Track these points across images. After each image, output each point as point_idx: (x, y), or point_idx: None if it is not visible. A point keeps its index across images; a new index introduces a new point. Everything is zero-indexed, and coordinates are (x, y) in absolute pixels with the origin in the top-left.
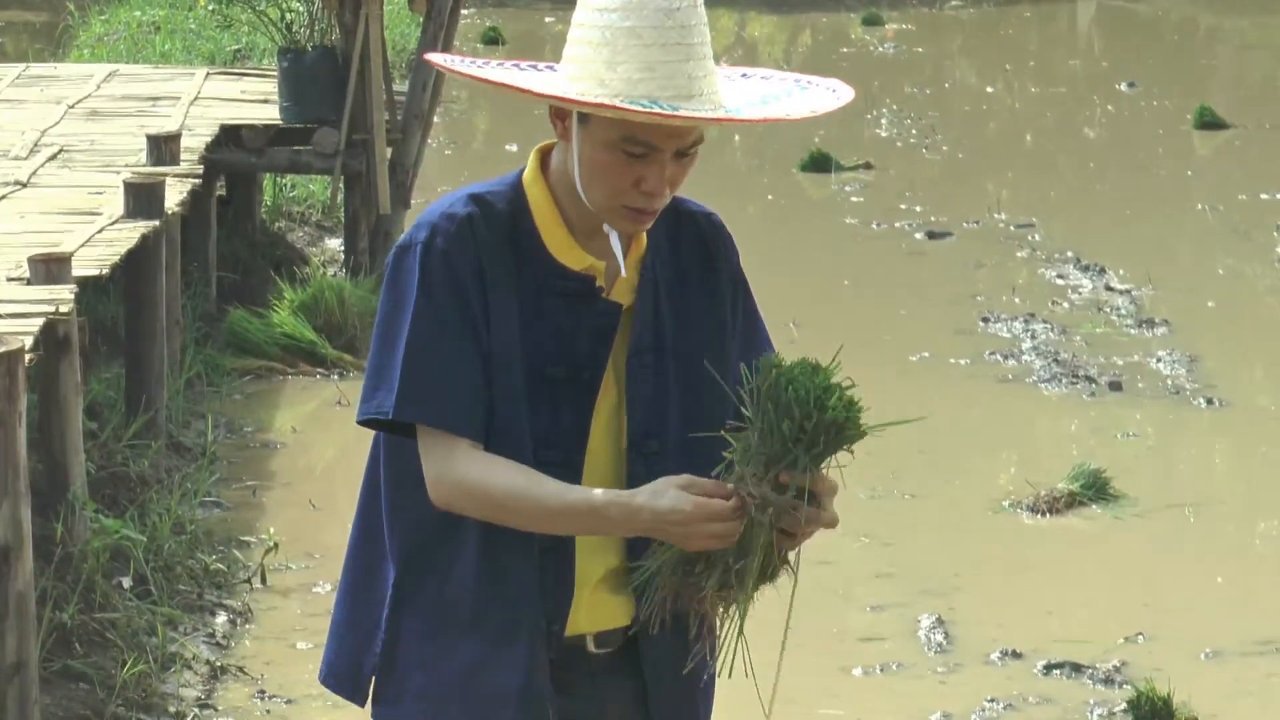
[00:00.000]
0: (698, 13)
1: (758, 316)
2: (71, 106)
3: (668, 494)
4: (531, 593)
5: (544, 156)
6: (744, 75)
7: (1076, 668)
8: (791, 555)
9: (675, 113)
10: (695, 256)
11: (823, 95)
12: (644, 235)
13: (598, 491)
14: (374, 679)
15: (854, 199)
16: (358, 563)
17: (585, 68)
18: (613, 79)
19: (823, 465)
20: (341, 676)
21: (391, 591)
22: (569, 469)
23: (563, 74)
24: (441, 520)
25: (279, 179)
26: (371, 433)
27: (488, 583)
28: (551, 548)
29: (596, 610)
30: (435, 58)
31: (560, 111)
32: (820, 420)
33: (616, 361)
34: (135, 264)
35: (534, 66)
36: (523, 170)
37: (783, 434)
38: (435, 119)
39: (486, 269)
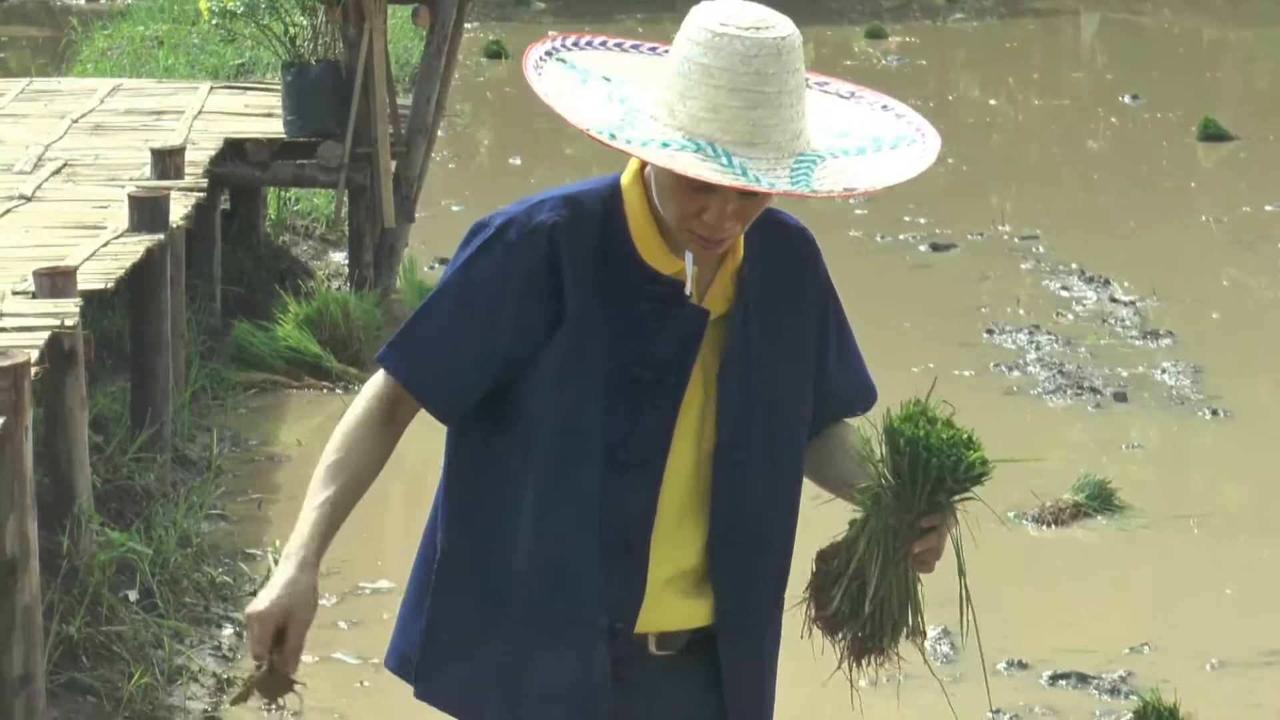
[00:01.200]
0: (780, 61)
1: (850, 332)
2: (75, 121)
3: (289, 594)
4: (591, 588)
5: (642, 166)
6: (822, 87)
7: (1083, 678)
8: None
9: (705, 168)
10: (784, 270)
11: (903, 158)
12: (740, 244)
13: (321, 506)
14: (416, 660)
15: (858, 212)
16: (424, 550)
17: (664, 92)
18: (681, 111)
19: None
20: (402, 658)
21: (435, 576)
22: (648, 472)
23: (648, 93)
24: (494, 506)
25: (283, 193)
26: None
27: (541, 575)
28: (619, 544)
29: (666, 610)
30: (531, 57)
31: None
32: (956, 476)
33: (707, 369)
34: (140, 278)
35: (638, 49)
36: (622, 171)
37: (919, 490)
38: (439, 132)
39: (567, 268)
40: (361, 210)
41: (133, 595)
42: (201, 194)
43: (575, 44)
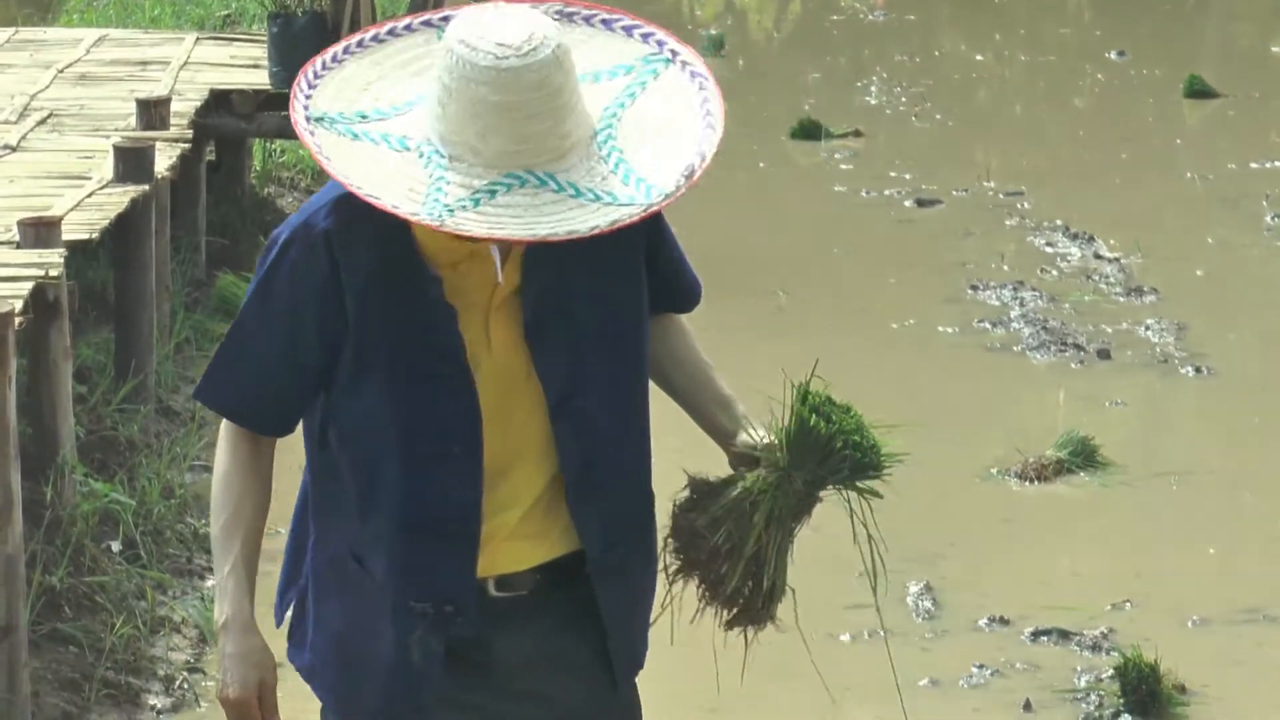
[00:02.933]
0: (562, 67)
1: (671, 233)
2: (61, 71)
3: (249, 667)
4: (413, 578)
5: None
6: (569, 16)
7: (1064, 634)
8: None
9: (549, 222)
10: None
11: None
12: None
13: (234, 568)
14: (291, 622)
15: (843, 167)
16: (297, 513)
17: (455, 127)
18: (488, 149)
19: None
20: (280, 618)
21: (309, 546)
22: (464, 460)
23: (424, 117)
24: (328, 484)
25: (269, 144)
26: None
27: (364, 551)
28: (442, 534)
29: (502, 557)
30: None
31: None
32: (862, 458)
33: (517, 340)
34: (124, 228)
35: (364, 47)
36: None
37: (824, 471)
38: None
39: (345, 276)
40: None
41: (116, 546)
42: (187, 145)
43: (310, 84)
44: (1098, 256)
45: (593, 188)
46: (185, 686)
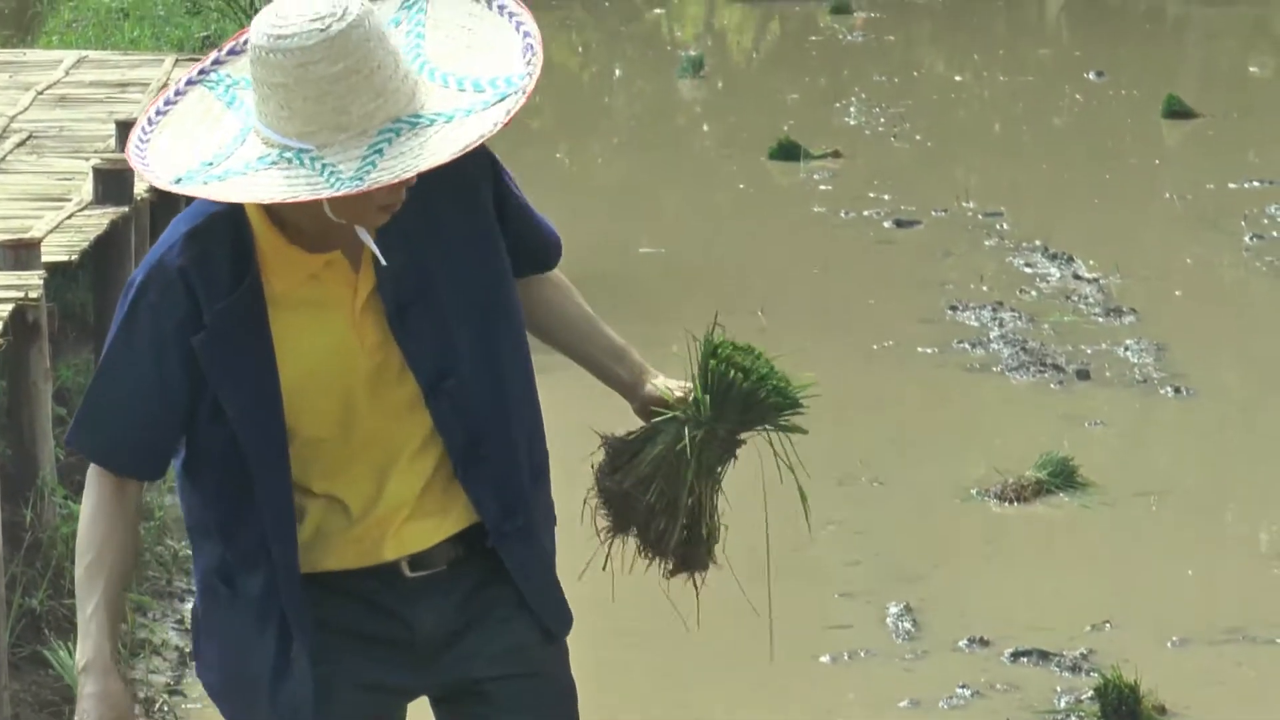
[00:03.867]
0: (333, 53)
1: (520, 193)
2: (40, 92)
3: (106, 708)
4: (281, 573)
5: None
6: None
7: (1044, 655)
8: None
9: (280, 188)
10: (437, 185)
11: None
12: None
13: (96, 610)
14: (191, 638)
15: (822, 187)
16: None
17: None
18: (265, 113)
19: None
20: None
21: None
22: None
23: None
24: (195, 506)
25: None
26: None
27: (232, 572)
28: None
29: (406, 537)
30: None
31: None
32: (778, 399)
33: (384, 334)
34: (104, 250)
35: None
36: None
37: (743, 416)
38: None
39: (204, 309)
40: None
41: None
42: None
43: (233, 51)
44: (1077, 277)
45: (460, 106)
46: (166, 709)
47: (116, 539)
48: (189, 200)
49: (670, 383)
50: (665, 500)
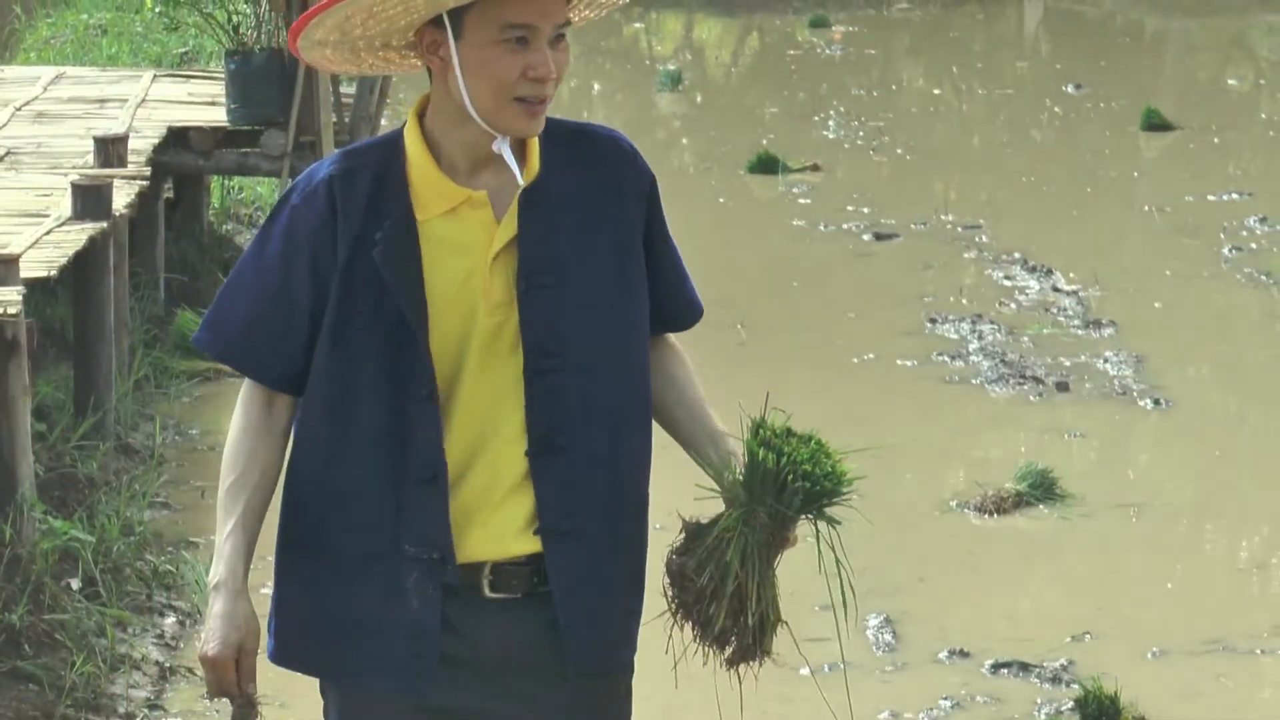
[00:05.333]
0: None
1: (674, 245)
2: (18, 109)
3: (231, 628)
4: (385, 521)
5: (420, 112)
6: None
7: (1024, 667)
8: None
9: None
10: (597, 179)
11: None
12: (534, 160)
13: (233, 531)
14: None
15: (801, 200)
16: None
17: None
18: None
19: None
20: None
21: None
22: (429, 405)
23: None
24: (304, 459)
25: (227, 181)
26: None
27: (336, 503)
28: (417, 476)
29: (489, 534)
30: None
31: (432, 44)
32: (823, 487)
33: (508, 290)
34: (83, 266)
35: None
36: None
37: (789, 504)
38: (383, 121)
39: (340, 219)
40: None
41: (75, 583)
42: (145, 182)
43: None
44: (1056, 289)
45: None
46: None
47: (261, 459)
48: (182, 215)
49: (736, 462)
50: (714, 584)
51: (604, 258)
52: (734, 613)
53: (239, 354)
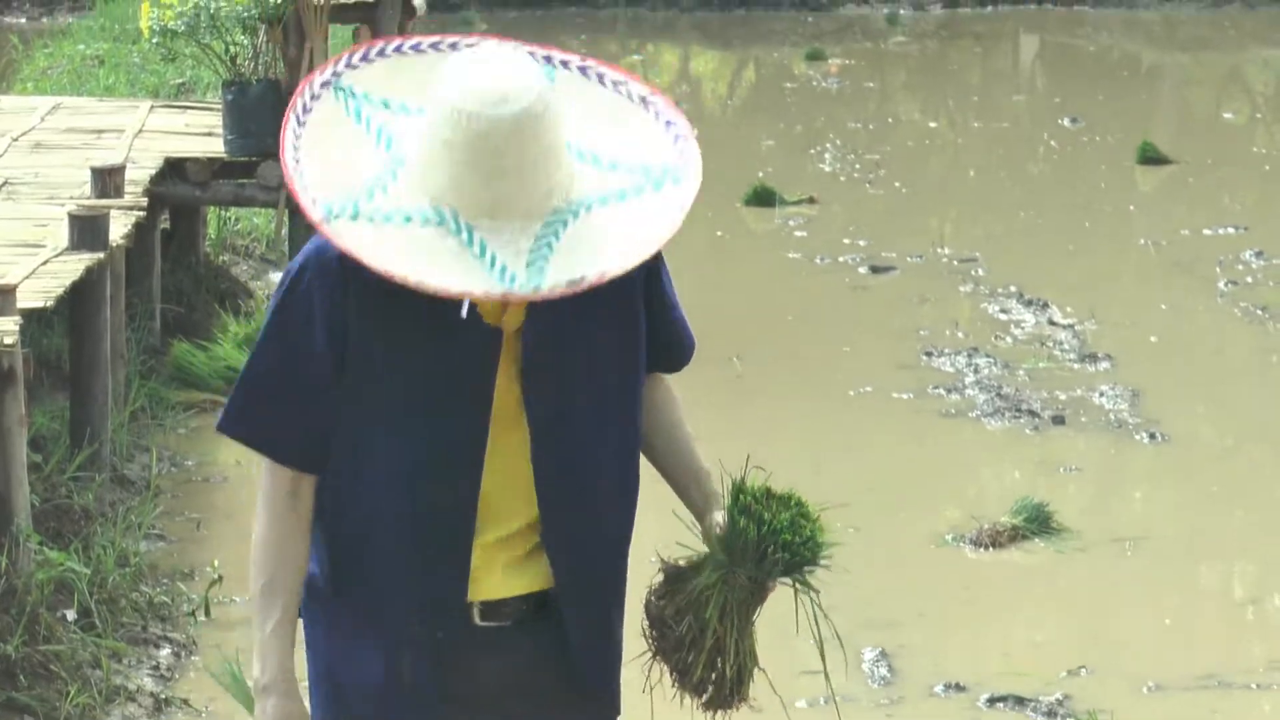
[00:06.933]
0: (519, 135)
1: (672, 289)
2: (15, 139)
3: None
4: (400, 582)
5: None
6: (617, 86)
7: (1020, 700)
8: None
9: (434, 273)
10: None
11: (659, 210)
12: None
13: (277, 628)
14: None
15: (797, 233)
16: None
17: (421, 145)
18: (429, 180)
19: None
20: None
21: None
22: (457, 476)
23: (419, 127)
24: (317, 510)
25: (223, 212)
26: None
27: (346, 575)
28: (437, 542)
29: (490, 582)
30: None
31: None
32: (802, 551)
33: (510, 378)
34: (79, 296)
35: (436, 48)
36: None
37: (768, 565)
38: None
39: (354, 303)
40: (302, 230)
41: (71, 615)
42: (141, 213)
43: (365, 57)
44: (1052, 323)
45: (617, 187)
46: None
47: (290, 559)
48: (178, 246)
49: (719, 519)
50: (692, 635)
51: (605, 331)
52: (712, 663)
53: (262, 437)
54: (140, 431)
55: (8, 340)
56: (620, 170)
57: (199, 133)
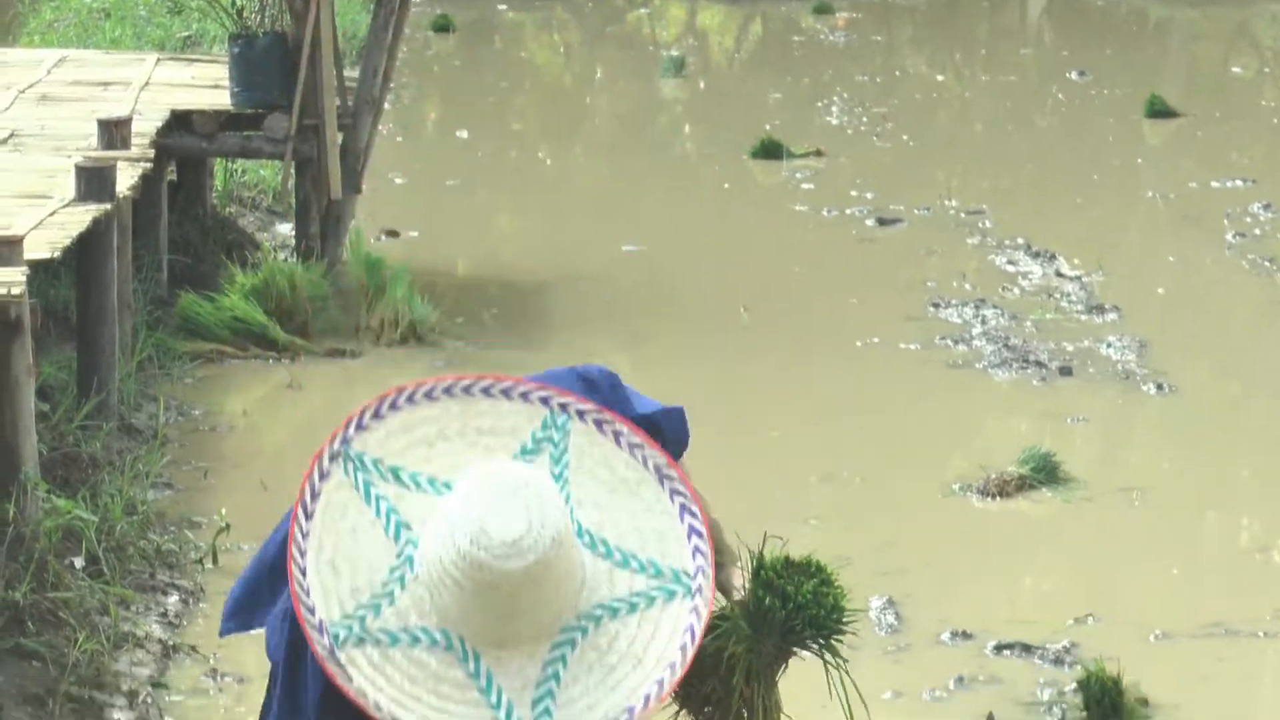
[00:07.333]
0: (532, 584)
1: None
2: (22, 91)
3: None
4: None
5: None
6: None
7: (1026, 648)
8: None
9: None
10: None
11: (670, 622)
12: None
13: None
14: None
15: (805, 186)
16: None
17: (433, 549)
18: (439, 603)
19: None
20: None
21: None
22: None
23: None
24: None
25: (230, 164)
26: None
27: None
28: None
29: None
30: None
31: None
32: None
33: None
34: (86, 247)
35: (451, 393)
36: None
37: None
38: (386, 105)
39: None
40: (308, 182)
41: (79, 562)
42: (148, 165)
43: (376, 414)
44: (1059, 274)
45: (631, 591)
46: (149, 701)
47: None
48: (185, 197)
49: (737, 582)
50: (717, 695)
51: None
52: (739, 717)
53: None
54: (147, 381)
55: (15, 290)
56: (632, 566)
57: (205, 85)
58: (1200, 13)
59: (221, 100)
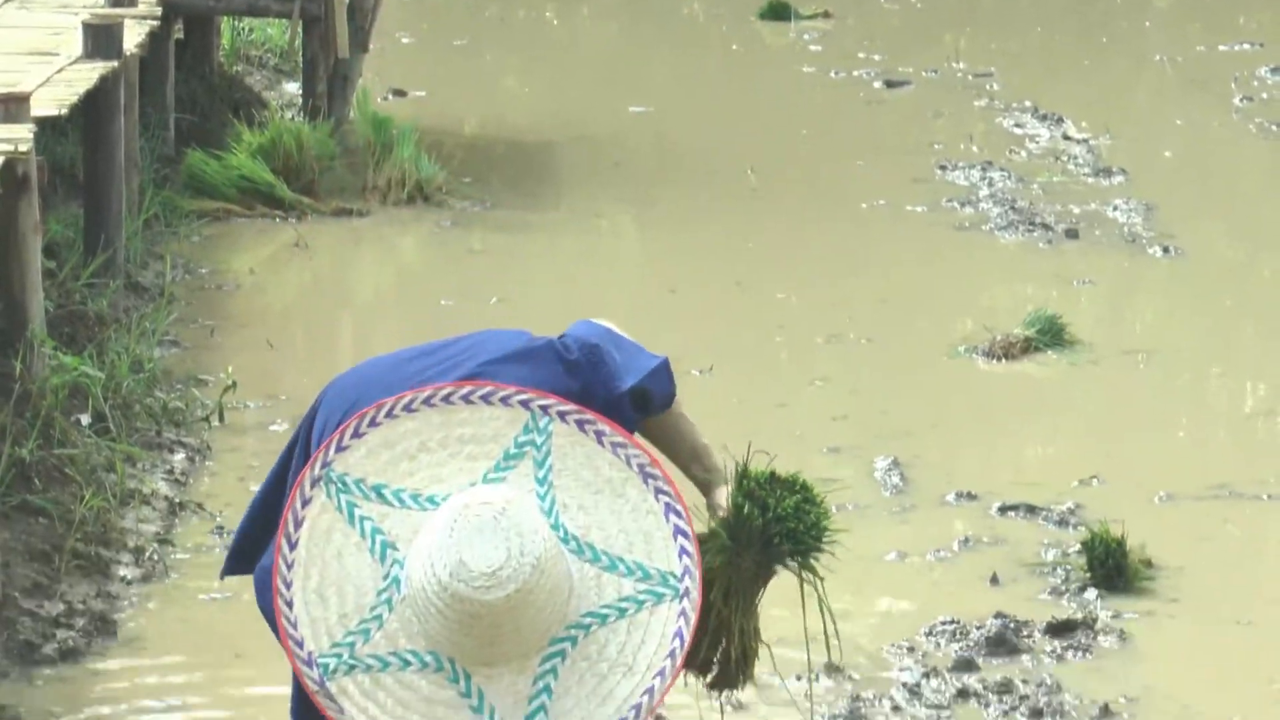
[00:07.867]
0: (512, 612)
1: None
2: None
3: None
4: None
5: None
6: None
7: (1031, 509)
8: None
9: None
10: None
11: (658, 625)
12: None
13: None
14: None
15: (812, 48)
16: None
17: (420, 564)
18: (426, 627)
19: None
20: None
21: None
22: None
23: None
24: None
25: (237, 22)
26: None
27: None
28: None
29: None
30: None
31: None
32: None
33: None
34: (93, 104)
35: (431, 403)
36: None
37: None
38: None
39: None
40: (315, 40)
41: (85, 419)
42: (155, 22)
43: (356, 433)
44: (1066, 137)
45: (618, 597)
46: (155, 557)
47: None
48: (192, 56)
49: (722, 500)
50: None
51: None
52: (716, 643)
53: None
54: (154, 239)
55: (22, 147)
56: (620, 570)
57: None
58: None
59: None
